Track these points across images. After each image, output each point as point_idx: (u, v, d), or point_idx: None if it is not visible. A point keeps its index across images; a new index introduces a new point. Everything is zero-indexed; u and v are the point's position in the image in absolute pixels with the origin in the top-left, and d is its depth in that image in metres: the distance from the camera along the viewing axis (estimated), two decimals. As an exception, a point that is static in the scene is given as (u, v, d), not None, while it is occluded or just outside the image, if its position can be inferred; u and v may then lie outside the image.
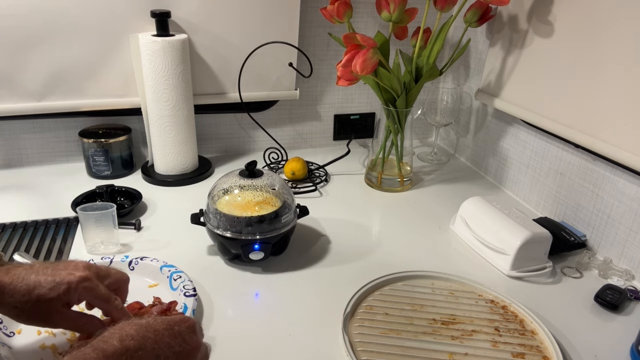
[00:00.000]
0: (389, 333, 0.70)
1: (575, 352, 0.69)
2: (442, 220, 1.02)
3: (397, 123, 1.09)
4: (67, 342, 0.65)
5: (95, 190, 1.03)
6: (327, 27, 1.23)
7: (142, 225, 0.96)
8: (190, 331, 0.53)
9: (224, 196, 0.85)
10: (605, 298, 0.78)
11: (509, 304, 0.76)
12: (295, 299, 0.78)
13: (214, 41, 1.14)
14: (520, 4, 1.03)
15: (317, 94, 1.33)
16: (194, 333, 0.54)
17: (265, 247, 0.82)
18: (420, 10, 1.08)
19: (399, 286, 0.79)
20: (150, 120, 1.11)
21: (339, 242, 0.93)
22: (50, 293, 0.55)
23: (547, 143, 1.02)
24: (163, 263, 0.79)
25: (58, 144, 1.19)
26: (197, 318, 0.72)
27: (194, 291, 0.73)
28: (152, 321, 0.51)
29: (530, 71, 1.02)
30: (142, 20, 1.06)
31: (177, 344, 0.51)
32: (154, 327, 0.50)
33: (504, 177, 1.17)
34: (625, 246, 0.86)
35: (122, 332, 0.48)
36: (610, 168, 0.87)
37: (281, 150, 1.28)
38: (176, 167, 1.15)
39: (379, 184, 1.15)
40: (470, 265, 0.88)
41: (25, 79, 1.05)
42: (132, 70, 1.10)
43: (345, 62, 0.92)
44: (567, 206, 0.98)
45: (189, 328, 0.53)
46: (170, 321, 0.52)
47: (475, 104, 1.25)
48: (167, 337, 0.50)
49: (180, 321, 0.53)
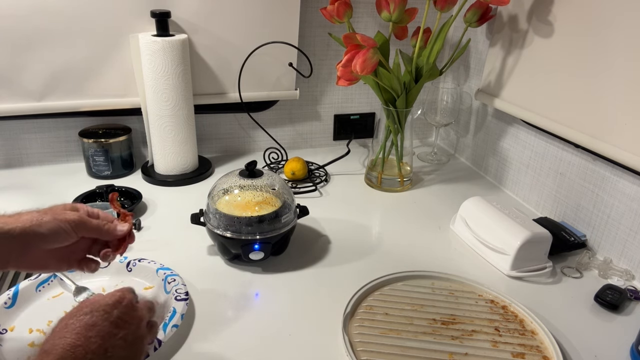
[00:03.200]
0: (389, 333, 0.70)
1: (575, 352, 0.69)
2: (442, 220, 1.02)
3: (397, 123, 1.09)
4: None
5: (95, 190, 1.03)
6: (327, 27, 1.23)
7: (142, 225, 0.96)
8: (129, 309, 0.53)
9: (224, 196, 0.85)
10: (605, 298, 0.78)
11: (509, 304, 0.76)
12: (295, 299, 0.78)
13: (214, 41, 1.14)
14: (520, 4, 1.03)
15: (317, 94, 1.33)
16: (133, 309, 0.53)
17: (265, 247, 0.82)
18: (420, 10, 1.08)
19: (399, 286, 0.79)
20: (150, 120, 1.11)
21: (339, 242, 0.93)
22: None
23: (547, 143, 1.02)
24: (160, 265, 0.79)
25: (58, 144, 1.19)
26: (197, 319, 0.72)
27: (185, 295, 0.72)
28: (88, 318, 0.50)
29: (530, 71, 1.02)
30: (142, 20, 1.06)
31: (120, 330, 0.50)
32: (93, 324, 0.49)
33: (504, 177, 1.17)
34: (625, 246, 0.86)
35: (63, 341, 0.47)
36: (610, 168, 0.87)
37: (281, 150, 1.28)
38: (176, 167, 1.15)
39: (379, 184, 1.15)
40: (470, 265, 0.88)
41: (25, 79, 1.05)
42: (132, 70, 1.10)
43: (345, 62, 0.92)
44: (567, 206, 0.98)
45: (126, 307, 0.53)
46: (106, 307, 0.51)
47: (475, 104, 1.25)
48: (108, 327, 0.50)
49: (115, 303, 0.52)
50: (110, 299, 0.53)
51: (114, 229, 0.63)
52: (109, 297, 0.53)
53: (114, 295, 0.54)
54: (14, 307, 0.70)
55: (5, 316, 0.68)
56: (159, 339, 0.63)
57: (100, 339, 0.48)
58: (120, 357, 0.49)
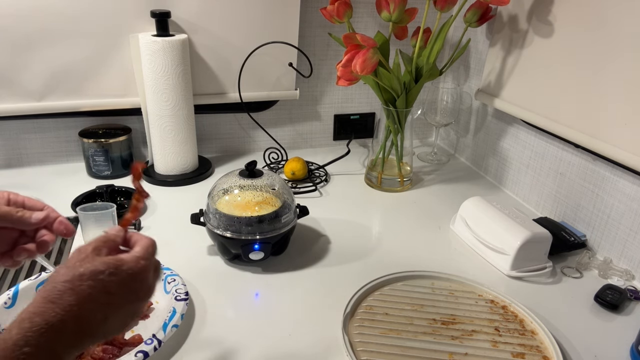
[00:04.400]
0: (389, 333, 0.70)
1: (575, 352, 0.69)
2: (442, 220, 1.02)
3: (397, 123, 1.09)
4: None
5: (95, 190, 1.03)
6: (327, 27, 1.23)
7: (142, 225, 0.96)
8: (130, 276, 0.47)
9: (224, 196, 0.85)
10: (605, 298, 0.78)
11: (509, 304, 0.76)
12: (295, 299, 0.78)
13: (214, 41, 1.14)
14: (520, 4, 1.03)
15: (317, 94, 1.33)
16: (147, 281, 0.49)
17: (265, 247, 0.82)
18: (420, 10, 1.08)
19: (399, 286, 0.79)
20: (150, 120, 1.11)
21: (339, 242, 0.93)
22: None
23: (547, 143, 1.02)
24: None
25: (58, 144, 1.19)
26: (197, 319, 0.72)
27: (185, 295, 0.72)
28: (84, 300, 0.43)
29: (530, 71, 1.02)
30: (142, 20, 1.06)
31: (119, 295, 0.46)
32: (91, 297, 0.44)
33: (504, 177, 1.17)
34: (625, 246, 0.86)
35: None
36: (610, 168, 0.87)
37: (281, 150, 1.28)
38: (176, 167, 1.15)
39: (379, 184, 1.15)
40: (470, 265, 0.88)
41: (25, 79, 1.05)
42: (132, 70, 1.10)
43: (345, 62, 0.92)
44: (567, 206, 0.98)
45: (142, 282, 0.48)
46: (97, 279, 0.44)
47: (475, 104, 1.25)
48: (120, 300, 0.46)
49: (98, 273, 0.45)
50: (100, 267, 0.45)
51: (28, 217, 0.55)
52: (98, 264, 0.46)
53: (100, 264, 0.46)
54: (14, 307, 0.70)
55: (5, 316, 0.68)
56: (159, 339, 0.63)
57: (101, 313, 0.45)
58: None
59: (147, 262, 0.49)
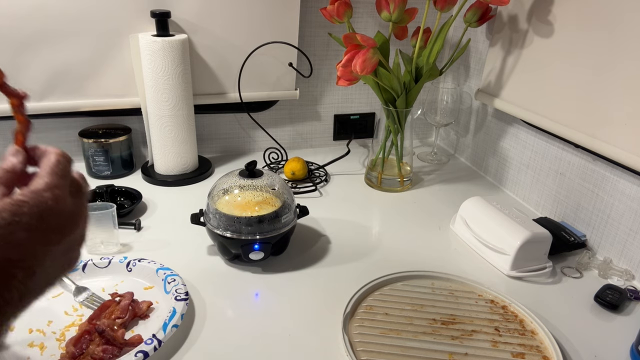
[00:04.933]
0: (389, 333, 0.70)
1: (575, 352, 0.69)
2: (442, 220, 1.02)
3: (397, 123, 1.09)
4: (57, 341, 0.66)
5: (95, 190, 1.03)
6: (327, 27, 1.23)
7: (142, 225, 0.96)
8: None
9: (224, 196, 0.85)
10: (605, 298, 0.78)
11: (508, 304, 0.76)
12: (295, 299, 0.78)
13: (214, 41, 1.14)
14: (520, 4, 1.03)
15: (317, 94, 1.33)
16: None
17: (265, 247, 0.82)
18: (420, 10, 1.08)
19: (399, 286, 0.79)
20: (150, 120, 1.11)
21: (339, 242, 0.93)
22: None
23: (547, 143, 1.02)
24: (160, 265, 0.79)
25: (58, 144, 1.19)
26: (197, 319, 0.72)
27: (185, 295, 0.72)
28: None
29: (530, 71, 1.02)
30: (142, 20, 1.06)
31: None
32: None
33: (504, 177, 1.17)
34: (625, 246, 0.86)
35: None
36: (610, 168, 0.87)
37: (281, 150, 1.28)
38: (176, 167, 1.15)
39: (379, 184, 1.15)
40: (470, 265, 0.88)
41: (25, 79, 1.05)
42: (132, 70, 1.10)
43: (345, 62, 0.92)
44: (567, 206, 0.98)
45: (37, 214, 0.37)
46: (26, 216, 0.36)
47: (475, 104, 1.25)
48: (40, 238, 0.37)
49: (20, 214, 0.36)
50: (24, 209, 0.37)
51: None
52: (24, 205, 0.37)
53: (25, 203, 0.37)
54: None
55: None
56: (159, 339, 0.63)
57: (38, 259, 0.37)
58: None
59: (57, 190, 0.39)
